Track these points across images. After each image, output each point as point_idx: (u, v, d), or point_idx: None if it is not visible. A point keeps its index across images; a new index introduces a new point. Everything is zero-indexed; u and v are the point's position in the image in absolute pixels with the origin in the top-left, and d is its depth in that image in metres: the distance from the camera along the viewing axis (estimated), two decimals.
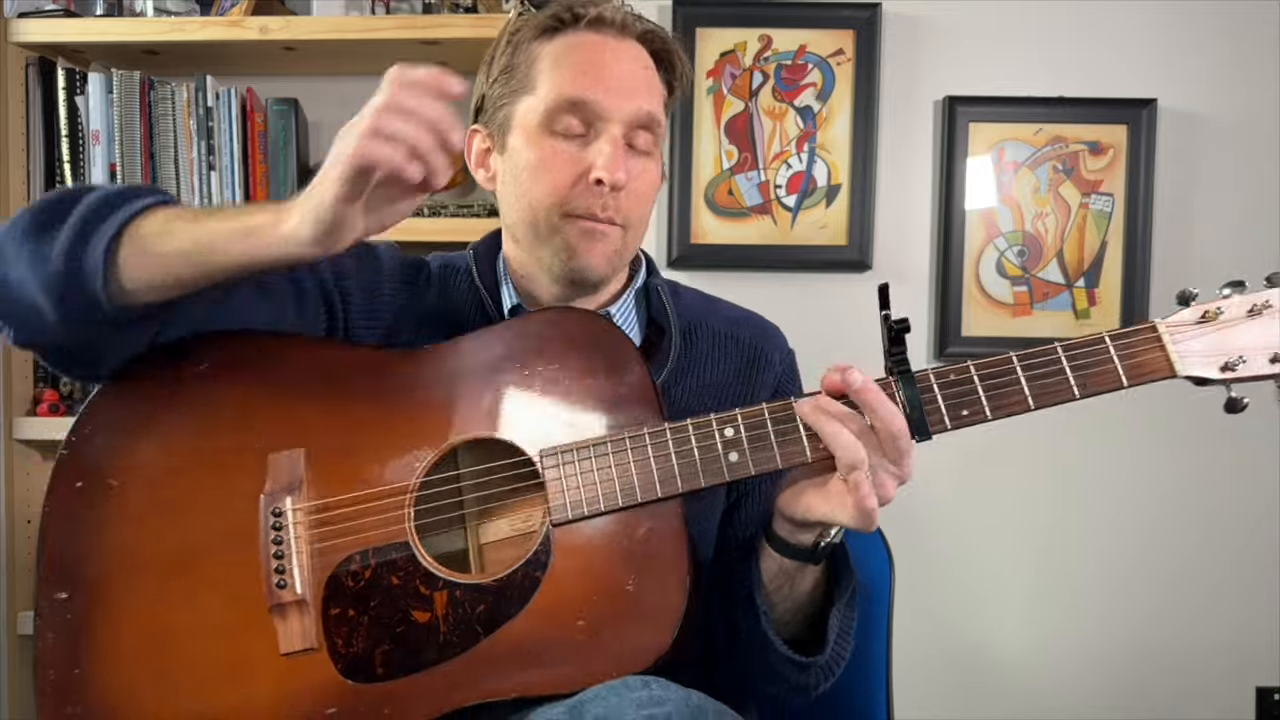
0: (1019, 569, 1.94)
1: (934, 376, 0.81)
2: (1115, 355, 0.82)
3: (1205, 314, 0.83)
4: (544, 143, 0.92)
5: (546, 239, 0.93)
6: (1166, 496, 1.92)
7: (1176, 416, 1.91)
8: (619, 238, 0.94)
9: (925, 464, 2.16)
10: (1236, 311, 0.83)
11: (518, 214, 0.95)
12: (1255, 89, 1.87)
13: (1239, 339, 0.83)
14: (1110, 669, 1.93)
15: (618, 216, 0.92)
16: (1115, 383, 0.82)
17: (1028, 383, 0.81)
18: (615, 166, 0.89)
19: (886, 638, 1.12)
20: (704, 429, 0.81)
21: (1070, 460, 1.92)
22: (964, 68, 1.90)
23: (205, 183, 1.77)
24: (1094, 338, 0.81)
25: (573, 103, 0.91)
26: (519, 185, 0.94)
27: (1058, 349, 0.81)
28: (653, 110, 0.93)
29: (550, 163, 0.91)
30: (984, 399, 0.81)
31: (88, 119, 1.75)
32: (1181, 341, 0.83)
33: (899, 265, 1.91)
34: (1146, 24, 1.87)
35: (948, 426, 0.82)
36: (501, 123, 0.96)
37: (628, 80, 0.93)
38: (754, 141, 1.90)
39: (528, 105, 0.93)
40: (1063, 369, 0.81)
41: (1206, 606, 1.92)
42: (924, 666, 1.90)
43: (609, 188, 0.90)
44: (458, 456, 0.86)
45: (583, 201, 0.91)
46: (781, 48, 1.89)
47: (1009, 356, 0.81)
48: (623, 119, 0.91)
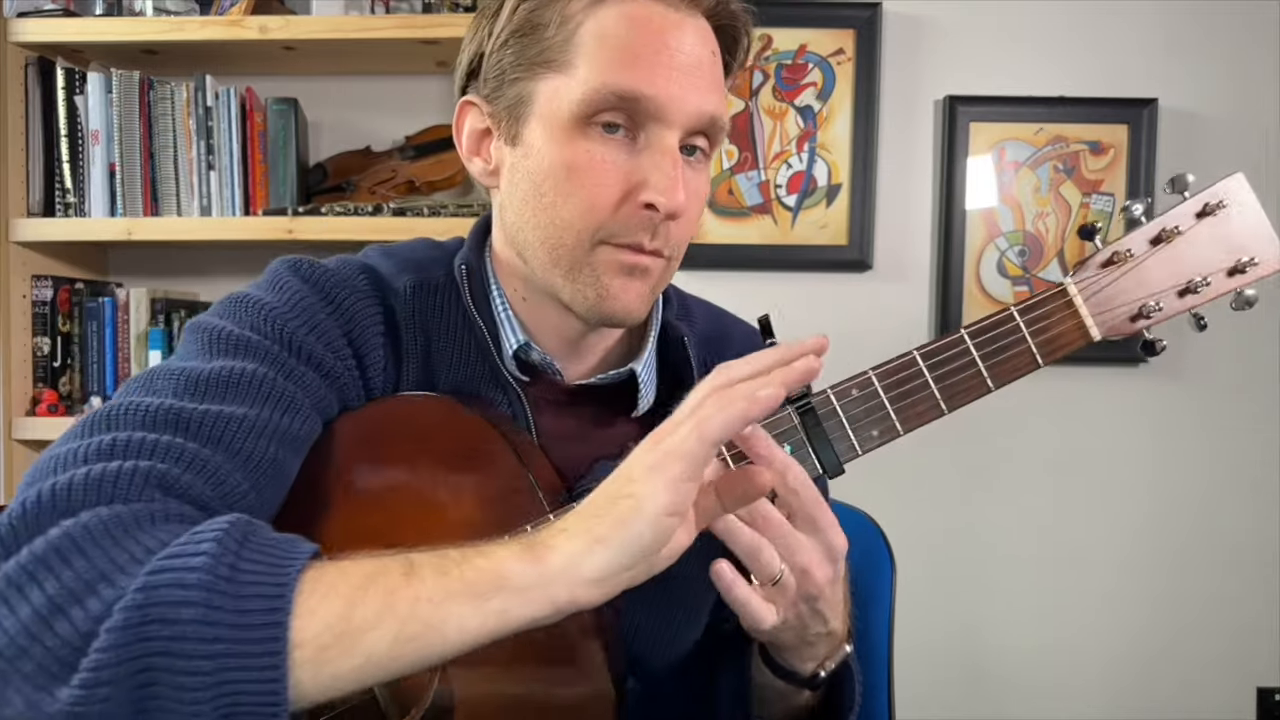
0: (1019, 569, 1.93)
1: (835, 398, 0.69)
2: (1027, 333, 0.71)
3: (1114, 256, 0.73)
4: (579, 144, 0.71)
5: (572, 270, 0.73)
6: (1166, 496, 1.92)
7: (1177, 416, 1.91)
8: (659, 272, 0.75)
9: (925, 463, 2.17)
10: (1140, 244, 0.73)
11: (535, 232, 0.74)
12: (1255, 89, 1.87)
13: (1154, 274, 0.73)
14: (1110, 668, 1.93)
15: (666, 249, 0.73)
16: (1030, 364, 0.72)
17: (936, 383, 0.70)
18: (674, 188, 0.70)
19: (887, 638, 1.12)
20: None
21: (1070, 460, 1.92)
22: (965, 67, 1.90)
23: (204, 182, 1.77)
24: (1001, 315, 0.71)
25: (623, 96, 0.69)
26: (539, 195, 0.73)
27: (964, 338, 0.71)
28: (717, 111, 0.73)
29: (588, 174, 0.71)
30: (892, 412, 0.69)
31: (87, 119, 1.75)
32: (1095, 295, 0.73)
33: (899, 265, 1.92)
34: (1147, 24, 1.87)
35: (858, 453, 0.70)
36: (514, 104, 0.74)
37: (693, 72, 0.71)
38: (754, 141, 1.90)
39: (557, 88, 0.71)
40: (973, 360, 0.70)
41: (1206, 607, 1.92)
42: (925, 667, 1.90)
43: (664, 215, 0.70)
44: None
45: (627, 228, 0.71)
46: (782, 47, 1.89)
47: (911, 356, 0.70)
48: (684, 123, 0.71)
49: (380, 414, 0.76)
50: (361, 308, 0.77)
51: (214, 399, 0.66)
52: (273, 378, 0.69)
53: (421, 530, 0.67)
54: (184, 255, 1.96)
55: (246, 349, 0.70)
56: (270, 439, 0.67)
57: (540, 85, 0.72)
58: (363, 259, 0.82)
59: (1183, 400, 1.91)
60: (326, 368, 0.73)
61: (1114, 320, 0.73)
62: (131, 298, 1.82)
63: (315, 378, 0.73)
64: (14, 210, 1.76)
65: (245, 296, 0.75)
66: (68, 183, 1.77)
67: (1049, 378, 1.91)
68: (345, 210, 1.75)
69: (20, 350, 1.79)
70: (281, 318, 0.73)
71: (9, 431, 1.77)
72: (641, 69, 0.69)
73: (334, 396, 0.74)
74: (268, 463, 0.67)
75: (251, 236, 1.74)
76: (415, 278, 0.80)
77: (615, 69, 0.69)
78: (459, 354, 0.79)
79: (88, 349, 1.83)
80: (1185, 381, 1.91)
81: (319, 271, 0.77)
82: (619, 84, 0.69)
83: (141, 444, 0.60)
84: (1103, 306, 0.73)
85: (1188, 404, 1.91)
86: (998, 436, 1.92)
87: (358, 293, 0.77)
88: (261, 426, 0.67)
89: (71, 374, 1.83)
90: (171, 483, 0.60)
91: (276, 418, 0.68)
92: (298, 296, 0.74)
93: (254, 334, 0.71)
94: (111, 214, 1.76)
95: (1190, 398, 1.91)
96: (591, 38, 0.70)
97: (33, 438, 1.78)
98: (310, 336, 0.73)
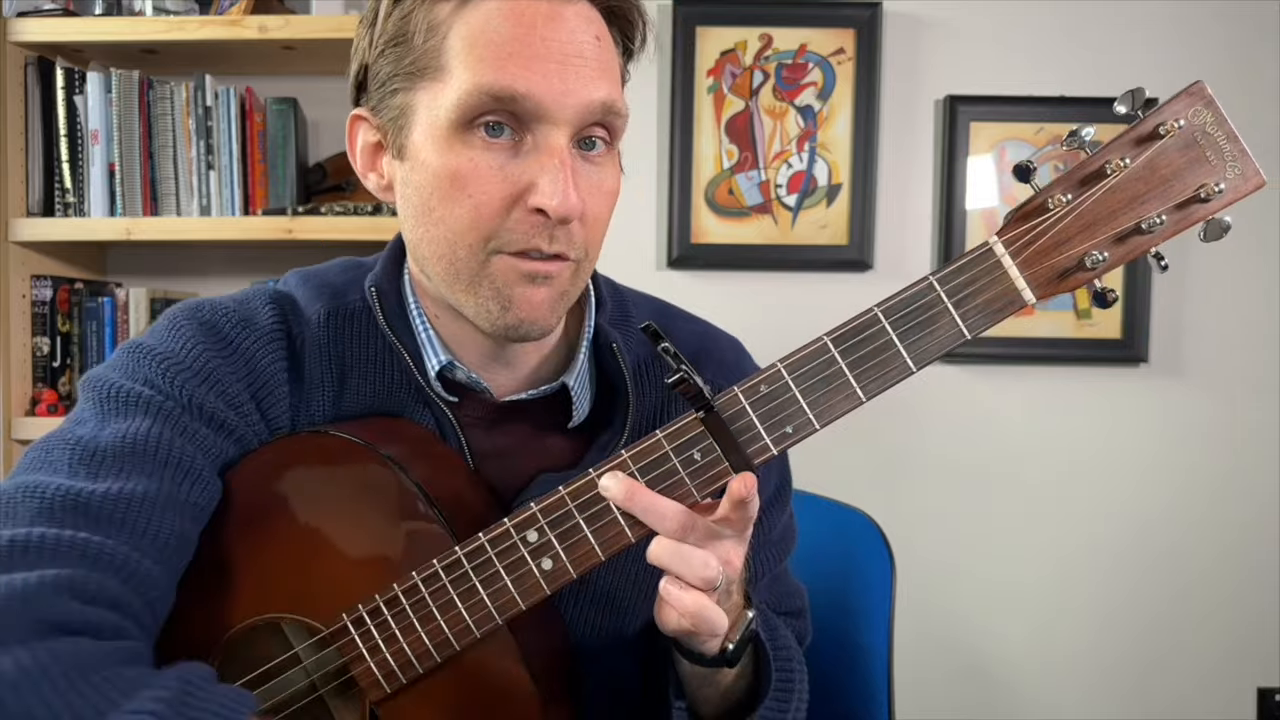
0: (1019, 569, 1.93)
1: (744, 396, 0.65)
2: (949, 303, 0.64)
3: (1048, 203, 0.63)
4: (460, 152, 0.67)
5: (471, 284, 0.70)
6: (1167, 496, 1.92)
7: (1177, 416, 1.91)
8: (568, 277, 0.71)
9: (926, 463, 2.17)
10: (1074, 185, 0.63)
11: (430, 246, 0.70)
12: (1255, 89, 1.87)
13: (1095, 218, 0.63)
14: (1110, 668, 1.93)
15: (570, 251, 0.69)
16: (956, 337, 0.64)
17: (850, 370, 0.64)
18: (564, 191, 0.66)
19: (887, 638, 1.12)
20: (503, 542, 0.67)
21: (1070, 460, 1.92)
22: (965, 67, 1.89)
23: (204, 182, 1.77)
24: (919, 286, 0.64)
25: (498, 97, 0.65)
26: (428, 210, 0.69)
27: (878, 316, 0.64)
28: (609, 98, 0.68)
29: (471, 182, 0.67)
30: (805, 406, 0.64)
31: (86, 118, 1.75)
32: (1026, 252, 0.63)
33: (899, 265, 1.91)
34: (1146, 24, 1.87)
35: (773, 453, 0.65)
36: (397, 115, 0.70)
37: (572, 61, 0.66)
38: (754, 141, 1.90)
39: (435, 96, 0.67)
40: (890, 340, 0.64)
41: (1207, 607, 1.92)
42: (925, 667, 1.90)
43: (555, 220, 0.67)
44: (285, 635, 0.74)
45: (519, 236, 0.67)
46: (782, 47, 1.89)
47: (821, 342, 0.64)
48: (571, 118, 0.67)
49: (271, 459, 0.74)
50: (260, 350, 0.75)
51: (112, 473, 0.66)
52: (169, 439, 0.68)
53: (326, 577, 0.70)
54: (183, 255, 1.96)
55: (140, 406, 0.69)
56: (173, 512, 0.67)
57: (419, 95, 0.69)
58: (279, 286, 0.80)
59: (1183, 400, 1.91)
60: (223, 422, 0.72)
61: (1050, 277, 0.63)
62: (131, 297, 1.82)
63: (211, 435, 0.71)
64: (13, 210, 1.76)
65: (140, 346, 0.73)
66: (67, 182, 1.77)
67: (1049, 377, 1.92)
68: (345, 210, 1.74)
69: (20, 350, 1.79)
70: (177, 373, 0.71)
71: (8, 431, 1.77)
72: (514, 65, 0.65)
73: (234, 450, 0.73)
74: (174, 538, 0.67)
75: (251, 236, 1.74)
76: (329, 305, 0.77)
77: (487, 68, 0.65)
78: (381, 379, 0.77)
79: (87, 349, 1.83)
80: (1185, 381, 1.91)
81: (219, 314, 0.75)
82: (492, 83, 0.65)
83: (42, 543, 0.61)
84: (1035, 263, 0.63)
85: (1188, 404, 1.91)
86: (998, 436, 1.92)
87: (257, 332, 0.75)
88: (164, 502, 0.66)
89: (71, 374, 1.83)
90: (81, 587, 0.60)
91: (177, 489, 0.68)
92: (194, 347, 0.73)
93: (148, 389, 0.70)
94: (111, 214, 1.76)
95: (1190, 397, 1.91)
96: (461, 40, 0.67)
97: (32, 438, 1.77)
98: (207, 393, 0.71)
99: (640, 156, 1.89)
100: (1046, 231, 0.63)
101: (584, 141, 0.70)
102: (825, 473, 1.29)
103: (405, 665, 0.68)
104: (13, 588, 0.57)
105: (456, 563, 0.67)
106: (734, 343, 0.90)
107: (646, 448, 0.66)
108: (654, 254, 1.91)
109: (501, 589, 0.67)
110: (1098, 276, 0.64)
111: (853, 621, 1.13)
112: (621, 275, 0.90)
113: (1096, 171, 0.63)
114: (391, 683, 0.69)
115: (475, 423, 0.78)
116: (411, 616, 0.68)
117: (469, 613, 0.67)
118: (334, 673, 0.71)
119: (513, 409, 0.79)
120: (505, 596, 0.67)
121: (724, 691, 0.76)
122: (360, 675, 0.69)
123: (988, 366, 1.92)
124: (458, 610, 0.67)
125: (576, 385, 0.78)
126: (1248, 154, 0.62)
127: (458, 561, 0.67)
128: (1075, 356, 1.90)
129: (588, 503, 0.66)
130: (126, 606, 0.63)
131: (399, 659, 0.68)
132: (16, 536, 0.60)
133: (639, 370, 0.81)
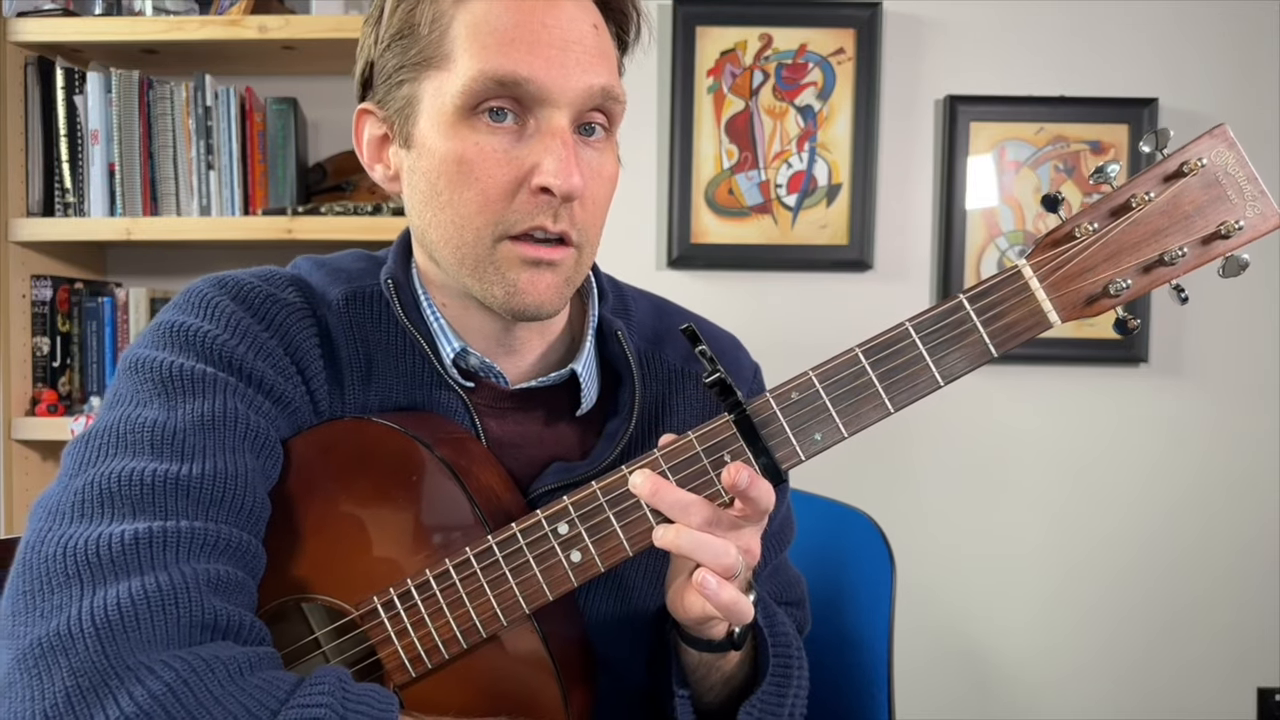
0: (1019, 569, 1.93)
1: (775, 401, 0.67)
2: (978, 321, 0.67)
3: (1075, 231, 0.66)
4: (466, 137, 0.69)
5: (478, 269, 0.72)
6: (1166, 496, 1.92)
7: (1177, 416, 1.91)
8: (571, 263, 0.73)
9: (926, 463, 2.17)
10: (1103, 216, 0.67)
11: (438, 231, 0.73)
12: (1255, 89, 1.87)
13: (1120, 248, 0.66)
14: (1110, 668, 1.93)
15: (572, 232, 0.71)
16: (982, 355, 0.67)
17: (880, 381, 0.66)
18: (567, 169, 0.68)
19: (887, 638, 1.11)
20: (535, 533, 0.68)
21: (1070, 460, 1.92)
22: (965, 67, 1.89)
23: (204, 182, 1.77)
24: (950, 304, 0.67)
25: (502, 82, 0.68)
26: (435, 195, 0.72)
27: (909, 330, 0.66)
28: (608, 83, 0.71)
29: (478, 165, 0.69)
30: (835, 414, 0.66)
31: (86, 118, 1.75)
32: (1053, 276, 0.67)
33: (900, 265, 1.91)
34: (1147, 24, 1.87)
35: (801, 458, 0.67)
36: (403, 105, 0.73)
37: (572, 48, 0.69)
38: (754, 141, 1.90)
39: (439, 85, 0.70)
40: (920, 354, 0.66)
41: (1207, 607, 1.92)
42: (925, 666, 1.90)
43: (560, 198, 0.69)
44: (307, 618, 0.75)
45: (524, 216, 0.70)
46: (782, 46, 1.89)
47: (854, 354, 0.66)
48: (572, 100, 0.69)
49: (313, 440, 0.74)
50: (295, 324, 0.75)
51: (199, 454, 0.66)
52: (243, 414, 0.69)
53: (357, 560, 0.71)
54: (183, 255, 1.96)
55: (206, 383, 0.69)
56: (261, 486, 0.69)
57: (425, 85, 0.71)
58: (292, 271, 0.81)
59: (1183, 400, 1.91)
60: (279, 393, 0.72)
61: (1076, 302, 0.67)
62: (131, 297, 1.82)
63: (270, 406, 0.72)
64: (13, 210, 1.76)
65: (179, 324, 0.72)
66: (67, 182, 1.77)
67: (1049, 377, 1.92)
68: (345, 210, 1.75)
69: (20, 350, 1.79)
70: (226, 344, 0.71)
71: (8, 431, 1.77)
72: (517, 51, 0.68)
73: (287, 424, 0.73)
74: (261, 509, 0.69)
75: (251, 236, 1.74)
76: (348, 288, 0.78)
77: (491, 55, 0.68)
78: (403, 364, 0.78)
79: (87, 349, 1.83)
80: (1186, 381, 1.91)
81: (247, 288, 0.75)
82: (496, 69, 0.68)
83: (165, 537, 0.61)
84: (1062, 288, 0.66)
85: (1188, 403, 1.91)
86: (998, 436, 1.92)
87: (290, 307, 0.75)
88: (250, 477, 0.68)
89: (71, 374, 1.83)
90: (217, 582, 0.62)
91: (257, 463, 0.69)
92: (239, 321, 0.72)
93: (208, 366, 0.69)
94: (111, 214, 1.76)
95: (1191, 397, 1.91)
96: (465, 29, 0.69)
97: (32, 438, 1.78)
98: (261, 363, 0.72)
99: (640, 156, 1.89)
100: (1074, 258, 0.66)
101: (584, 127, 0.72)
102: (825, 472, 1.28)
103: (432, 650, 0.69)
104: (160, 589, 0.59)
105: (488, 551, 0.68)
106: (732, 339, 0.92)
107: (678, 447, 0.67)
108: (654, 254, 1.91)
109: (530, 579, 0.68)
110: (1122, 304, 0.66)
111: (853, 622, 1.13)
112: (621, 275, 0.90)
113: (1123, 205, 0.66)
114: (417, 667, 0.70)
115: (488, 410, 0.79)
116: (442, 602, 0.69)
117: (498, 601, 0.69)
118: (357, 657, 0.72)
119: (524, 396, 0.80)
120: (534, 587, 0.68)
121: (726, 677, 0.78)
122: (386, 658, 0.70)
123: (987, 366, 1.90)
124: (487, 598, 0.69)
125: (585, 372, 0.80)
126: (1267, 195, 0.65)
127: (489, 550, 0.68)
128: (1075, 356, 1.90)
129: (619, 498, 0.67)
130: (249, 593, 0.65)
131: (426, 643, 0.69)
132: (139, 532, 0.61)
133: (641, 359, 0.83)
